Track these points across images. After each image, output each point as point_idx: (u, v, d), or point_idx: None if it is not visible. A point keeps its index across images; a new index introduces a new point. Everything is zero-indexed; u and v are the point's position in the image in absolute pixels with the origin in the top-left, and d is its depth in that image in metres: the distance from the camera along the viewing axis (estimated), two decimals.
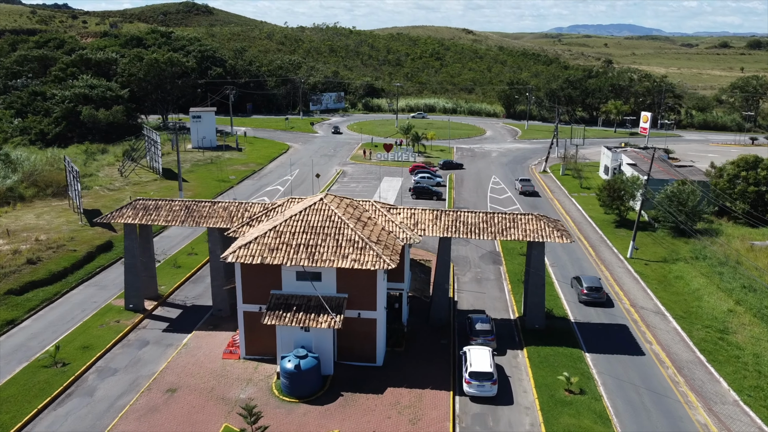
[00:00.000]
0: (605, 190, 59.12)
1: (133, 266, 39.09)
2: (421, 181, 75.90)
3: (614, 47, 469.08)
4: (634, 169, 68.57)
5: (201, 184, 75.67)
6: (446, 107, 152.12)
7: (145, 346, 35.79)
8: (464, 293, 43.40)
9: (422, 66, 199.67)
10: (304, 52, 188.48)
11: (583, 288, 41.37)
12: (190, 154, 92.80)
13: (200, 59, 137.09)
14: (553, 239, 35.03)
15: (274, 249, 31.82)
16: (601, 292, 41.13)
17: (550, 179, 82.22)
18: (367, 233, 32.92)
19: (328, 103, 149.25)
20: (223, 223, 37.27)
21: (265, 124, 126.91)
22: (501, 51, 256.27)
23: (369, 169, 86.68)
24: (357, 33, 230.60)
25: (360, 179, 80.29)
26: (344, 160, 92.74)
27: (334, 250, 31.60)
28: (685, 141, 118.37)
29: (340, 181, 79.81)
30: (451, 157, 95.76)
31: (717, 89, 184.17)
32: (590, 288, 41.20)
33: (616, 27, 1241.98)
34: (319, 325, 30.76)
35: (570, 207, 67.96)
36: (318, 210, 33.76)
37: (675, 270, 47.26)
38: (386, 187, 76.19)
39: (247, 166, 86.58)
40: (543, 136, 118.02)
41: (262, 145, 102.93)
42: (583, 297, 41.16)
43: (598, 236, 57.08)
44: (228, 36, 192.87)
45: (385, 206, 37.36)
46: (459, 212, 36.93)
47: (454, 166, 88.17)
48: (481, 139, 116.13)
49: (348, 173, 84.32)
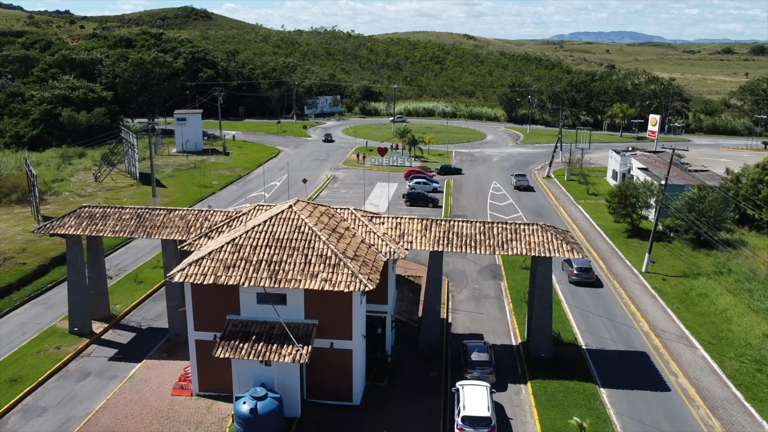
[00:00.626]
0: (616, 197, 53.95)
1: (78, 283, 34.00)
2: (416, 187, 70.82)
3: (616, 53, 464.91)
4: (646, 173, 63.41)
5: (180, 189, 70.68)
6: (446, 111, 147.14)
7: (85, 378, 30.62)
8: (460, 314, 38.21)
9: (422, 70, 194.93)
10: (301, 56, 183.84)
11: (574, 269, 42.59)
12: (172, 159, 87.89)
13: (190, 61, 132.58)
14: (562, 253, 29.89)
15: (230, 266, 26.72)
16: (590, 273, 42.79)
17: (554, 185, 77.07)
18: (343, 247, 27.82)
19: (323, 106, 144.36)
20: (179, 234, 32.18)
21: (256, 127, 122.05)
22: (502, 56, 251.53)
23: (362, 174, 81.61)
24: (355, 37, 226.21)
25: (351, 185, 75.22)
26: (336, 165, 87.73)
27: (302, 268, 26.49)
28: (695, 145, 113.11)
29: (330, 186, 74.74)
30: (449, 161, 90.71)
31: (723, 94, 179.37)
32: (580, 269, 42.57)
33: (618, 34, 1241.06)
34: (282, 358, 25.59)
35: (577, 215, 62.77)
36: (285, 219, 28.68)
37: (697, 286, 42.01)
38: (379, 193, 71.09)
39: (232, 171, 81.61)
40: (546, 140, 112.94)
41: (251, 149, 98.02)
42: (574, 277, 42.66)
43: (609, 247, 51.85)
44: (222, 39, 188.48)
45: (366, 215, 32.27)
46: (452, 222, 31.81)
47: (452, 171, 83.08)
48: (481, 143, 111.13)
49: (339, 178, 79.27)
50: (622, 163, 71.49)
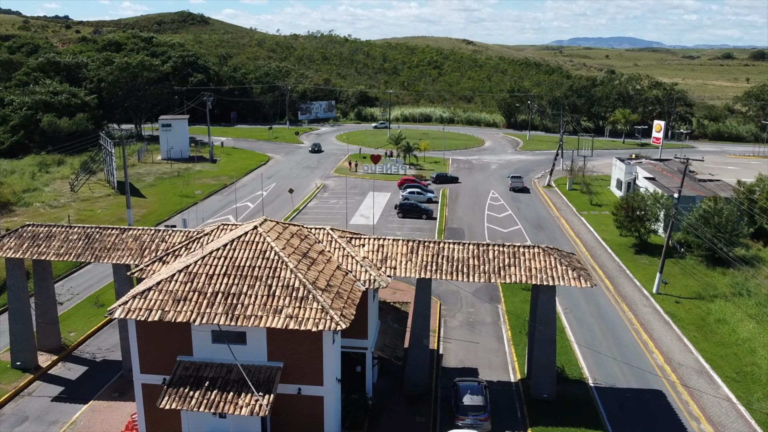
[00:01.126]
0: (622, 209, 50.13)
1: (20, 312, 30.14)
2: (409, 197, 67.05)
3: (616, 59, 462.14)
4: (653, 183, 59.64)
5: (160, 200, 66.89)
6: (443, 116, 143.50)
7: (21, 424, 26.73)
8: (452, 343, 34.35)
9: (419, 75, 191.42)
10: (296, 60, 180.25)
11: None
12: (156, 166, 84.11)
13: (181, 65, 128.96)
14: (568, 282, 26.06)
15: (181, 299, 22.87)
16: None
17: (555, 195, 73.28)
18: (314, 275, 23.99)
19: (317, 112, 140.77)
20: (132, 257, 28.31)
21: (248, 134, 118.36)
22: (501, 60, 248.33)
23: (354, 182, 77.80)
24: (352, 41, 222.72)
25: (342, 194, 71.39)
26: (327, 173, 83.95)
27: (265, 302, 22.65)
28: (700, 152, 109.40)
29: (320, 196, 70.92)
30: (446, 169, 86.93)
31: (726, 99, 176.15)
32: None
33: (617, 40, 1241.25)
34: (239, 410, 21.69)
35: (580, 228, 58.94)
36: (249, 243, 24.85)
37: (715, 310, 38.17)
38: (370, 204, 67.24)
39: (217, 180, 77.81)
40: (546, 147, 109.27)
41: (240, 157, 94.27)
42: None
43: (615, 264, 48.01)
44: (216, 43, 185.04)
45: (344, 235, 28.44)
46: (442, 244, 27.97)
47: (448, 179, 79.28)
48: (479, 150, 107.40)
49: (330, 188, 75.46)
50: (627, 172, 67.73)
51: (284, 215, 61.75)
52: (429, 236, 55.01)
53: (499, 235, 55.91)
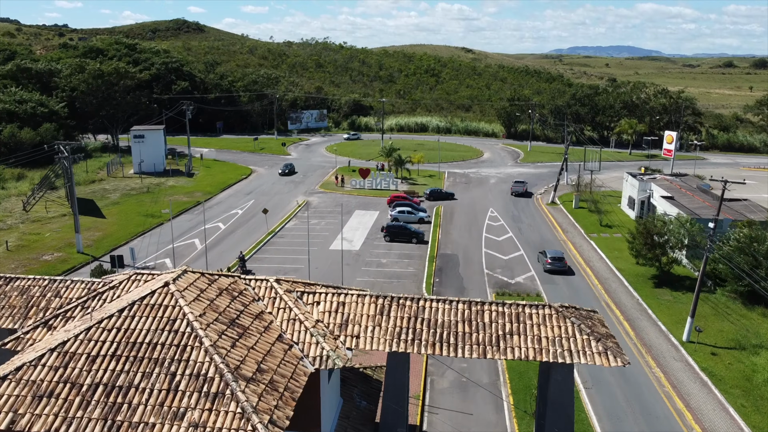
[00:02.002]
0: (641, 236, 43.41)
1: None
2: (399, 217, 60.41)
3: (616, 67, 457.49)
4: (672, 203, 52.99)
5: (122, 220, 60.23)
6: (439, 126, 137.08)
7: None
8: (440, 414, 27.52)
9: (416, 83, 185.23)
10: (288, 68, 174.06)
11: (548, 258, 46.46)
12: (125, 182, 77.48)
13: (164, 72, 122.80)
14: (590, 358, 19.15)
15: (44, 396, 16.01)
16: (563, 262, 46.50)
17: (560, 213, 66.57)
18: (239, 356, 17.14)
19: (308, 121, 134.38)
20: (12, 319, 21.45)
21: (232, 144, 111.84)
22: (501, 68, 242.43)
23: (340, 199, 71.21)
24: (347, 49, 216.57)
25: (325, 213, 64.76)
26: (312, 189, 77.31)
27: (163, 400, 15.81)
28: (712, 164, 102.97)
29: (300, 216, 64.22)
30: (440, 184, 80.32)
31: (731, 108, 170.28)
32: (554, 258, 46.38)
33: (616, 49, 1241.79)
34: None
35: (590, 254, 52.18)
36: (154, 307, 17.99)
37: (761, 366, 31.37)
38: (355, 225, 60.54)
39: (191, 196, 71.18)
40: (548, 159, 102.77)
41: (220, 170, 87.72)
42: (548, 266, 46.27)
43: (634, 302, 41.23)
44: (206, 50, 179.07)
45: (294, 288, 21.60)
46: (423, 303, 21.13)
47: (443, 196, 72.64)
48: (477, 162, 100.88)
49: (313, 205, 68.78)
50: (640, 189, 61.10)
51: (257, 238, 55.07)
52: (418, 264, 48.33)
53: (498, 263, 49.18)
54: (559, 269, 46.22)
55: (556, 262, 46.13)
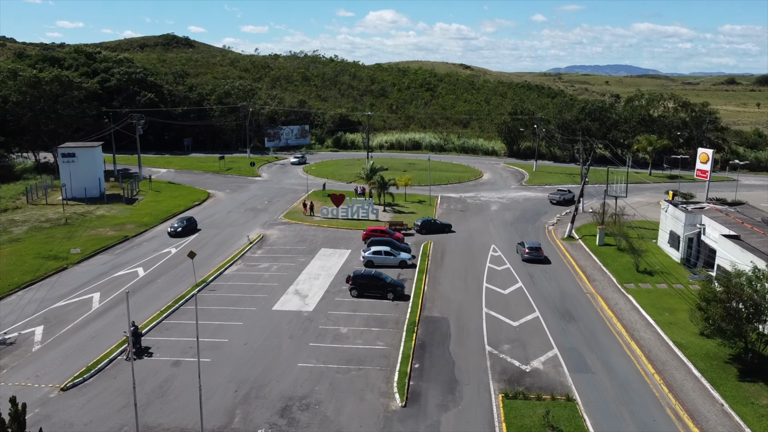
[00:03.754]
0: (719, 305, 29.19)
1: None
2: (374, 260, 46.33)
3: (616, 84, 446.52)
4: (740, 245, 38.98)
5: (13, 262, 46.04)
6: (433, 143, 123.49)
7: None
8: None
9: (410, 97, 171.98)
10: (271, 80, 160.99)
11: (525, 248, 48.43)
12: (45, 210, 63.32)
13: (125, 83, 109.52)
14: None
15: None
16: (540, 251, 48.36)
17: (581, 252, 52.45)
18: None
19: (288, 138, 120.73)
20: None
21: (197, 164, 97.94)
22: (500, 84, 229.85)
23: (305, 233, 57.22)
24: (338, 62, 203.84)
25: (281, 253, 50.67)
26: (274, 218, 63.31)
27: None
28: (746, 186, 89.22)
29: (249, 256, 50.05)
30: (432, 212, 66.33)
31: (742, 124, 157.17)
32: (531, 248, 48.29)
33: (613, 68, 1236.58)
34: None
35: (631, 317, 37.93)
36: None
37: None
38: (316, 270, 46.29)
39: (120, 229, 57.08)
40: (557, 181, 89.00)
41: (171, 194, 73.77)
42: (525, 256, 48.16)
43: (717, 408, 26.93)
44: (182, 61, 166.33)
45: None
46: None
47: (437, 228, 58.44)
48: (476, 184, 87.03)
49: (269, 241, 54.67)
50: (687, 224, 47.08)
51: (181, 291, 40.86)
52: (392, 336, 34.15)
53: (505, 333, 34.99)
54: (536, 258, 48.30)
55: (533, 252, 48.48)
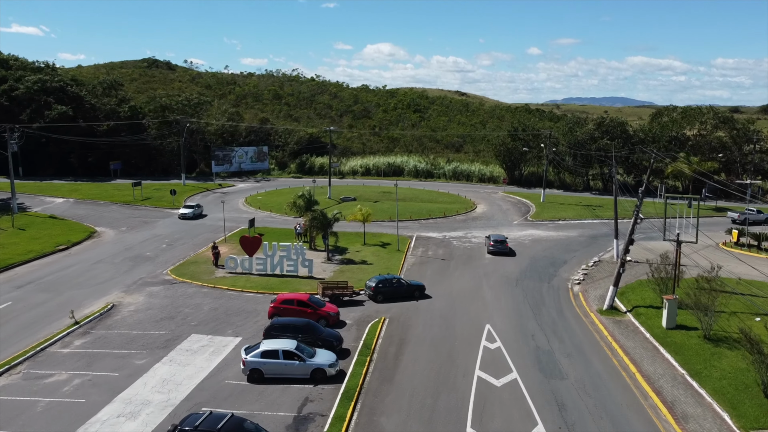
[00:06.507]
0: None
1: None
2: (264, 366, 24.40)
3: (615, 114, 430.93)
4: None
5: None
6: (418, 168, 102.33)
7: None
8: None
9: (396, 119, 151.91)
10: (236, 98, 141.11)
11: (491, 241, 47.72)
12: None
13: (37, 92, 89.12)
14: None
15: None
16: (505, 244, 47.82)
17: (636, 341, 30.50)
18: None
19: (242, 161, 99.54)
20: None
21: (110, 193, 76.18)
22: (498, 108, 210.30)
23: (185, 302, 35.36)
24: (318, 83, 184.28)
25: (116, 345, 28.72)
26: (157, 273, 41.42)
27: None
28: None
29: (52, 352, 27.94)
30: (398, 262, 44.53)
31: None
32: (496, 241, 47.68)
33: (609, 100, 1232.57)
34: None
35: None
36: None
37: None
38: (145, 394, 24.27)
39: None
40: (574, 215, 67.51)
41: (41, 232, 52.23)
42: (491, 248, 47.44)
43: None
44: (134, 77, 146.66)
45: None
46: None
47: (400, 291, 36.58)
48: (467, 219, 65.35)
49: (116, 317, 32.64)
50: None
51: None
52: None
53: None
54: (501, 251, 47.18)
55: (498, 245, 47.48)
